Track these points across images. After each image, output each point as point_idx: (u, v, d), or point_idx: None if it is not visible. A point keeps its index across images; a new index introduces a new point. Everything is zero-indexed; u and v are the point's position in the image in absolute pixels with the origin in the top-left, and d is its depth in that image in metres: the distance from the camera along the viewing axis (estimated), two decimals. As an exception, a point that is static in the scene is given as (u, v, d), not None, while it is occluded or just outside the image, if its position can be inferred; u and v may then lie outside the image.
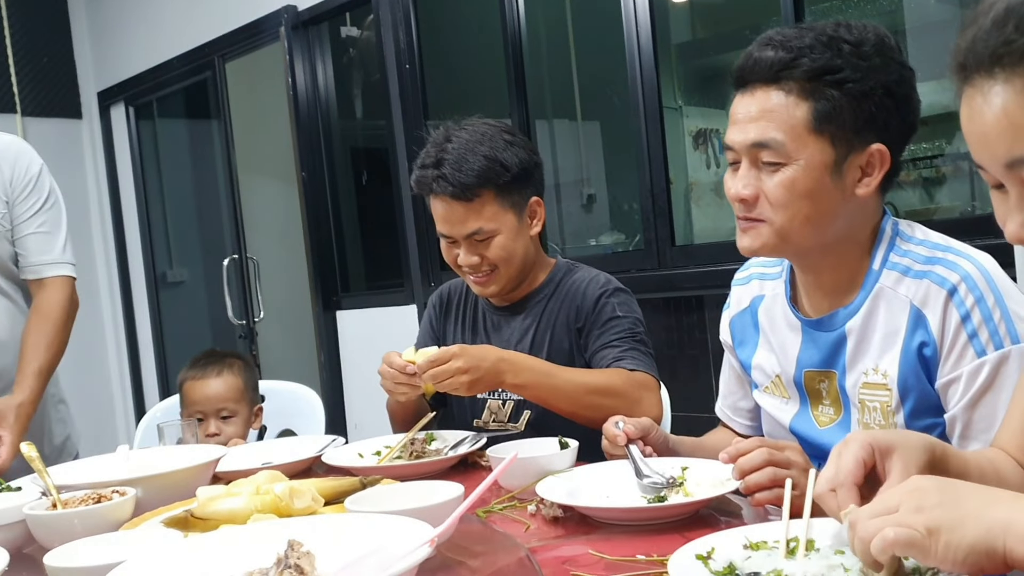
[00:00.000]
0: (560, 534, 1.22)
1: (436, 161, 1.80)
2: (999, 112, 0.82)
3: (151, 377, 5.58)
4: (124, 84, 5.42)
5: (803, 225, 1.28)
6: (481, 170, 1.78)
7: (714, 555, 0.95)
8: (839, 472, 0.91)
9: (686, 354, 3.10)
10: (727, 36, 4.12)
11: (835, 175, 1.27)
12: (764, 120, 1.27)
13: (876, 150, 1.27)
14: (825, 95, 1.25)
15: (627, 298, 1.87)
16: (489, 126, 1.85)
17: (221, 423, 2.14)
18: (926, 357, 1.25)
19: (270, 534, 1.02)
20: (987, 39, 0.82)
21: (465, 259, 1.83)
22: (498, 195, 1.81)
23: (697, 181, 3.85)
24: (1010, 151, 0.82)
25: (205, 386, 2.17)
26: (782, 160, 1.27)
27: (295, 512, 1.18)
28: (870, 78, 1.25)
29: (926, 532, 0.77)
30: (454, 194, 1.78)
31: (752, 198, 1.30)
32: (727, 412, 1.63)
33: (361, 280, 4.66)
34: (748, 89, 1.30)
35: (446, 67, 4.37)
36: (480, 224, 1.80)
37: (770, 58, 1.27)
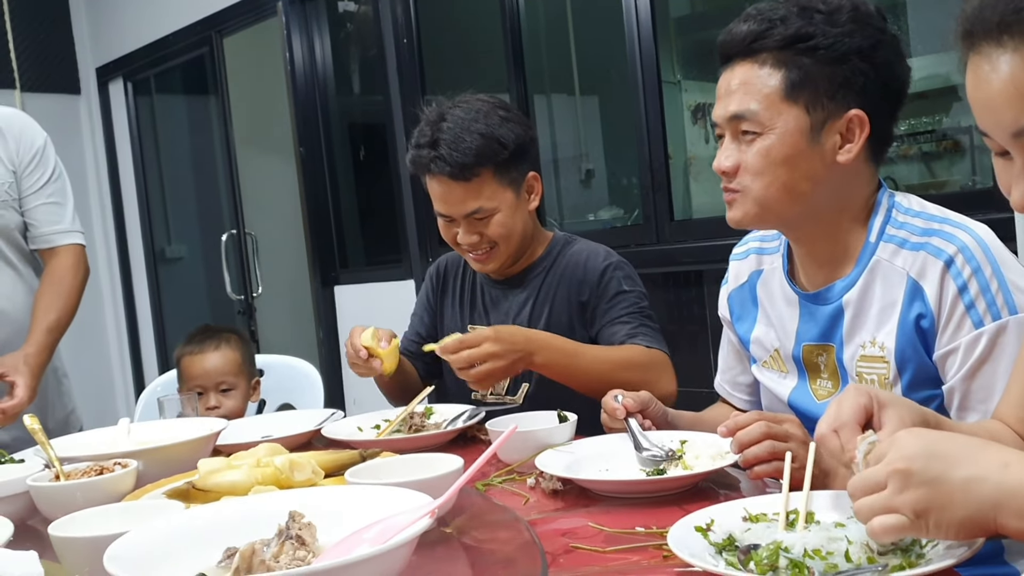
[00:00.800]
0: (559, 507, 1.23)
1: (432, 141, 1.78)
2: (1007, 80, 0.82)
3: (150, 352, 5.59)
4: (122, 60, 5.39)
5: (781, 192, 1.29)
6: (479, 149, 1.76)
7: (713, 527, 0.96)
8: (841, 413, 0.93)
9: (685, 329, 3.10)
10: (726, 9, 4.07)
11: (812, 141, 1.28)
12: (741, 92, 1.30)
13: (854, 115, 1.28)
14: (797, 63, 1.27)
15: (630, 271, 1.88)
16: (483, 102, 1.83)
17: (221, 396, 2.16)
18: (923, 329, 1.25)
19: (271, 505, 1.03)
20: (995, 5, 0.82)
21: (464, 238, 1.83)
22: (496, 173, 1.79)
23: (696, 155, 3.83)
24: (1017, 120, 0.82)
25: (203, 360, 2.18)
26: (758, 129, 1.29)
27: (295, 484, 1.18)
28: (843, 43, 1.26)
29: (914, 515, 0.78)
30: (452, 174, 1.77)
31: (732, 169, 1.32)
32: (726, 387, 1.63)
33: (359, 255, 4.65)
34: (730, 64, 1.33)
35: (444, 42, 4.34)
36: (479, 203, 1.79)
37: (745, 31, 1.30)
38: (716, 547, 0.93)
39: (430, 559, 1.05)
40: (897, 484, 0.79)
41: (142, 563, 0.92)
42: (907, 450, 0.80)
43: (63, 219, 2.21)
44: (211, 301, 5.55)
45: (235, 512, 1.04)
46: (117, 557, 0.90)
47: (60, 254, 2.20)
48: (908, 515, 0.78)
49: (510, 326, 1.74)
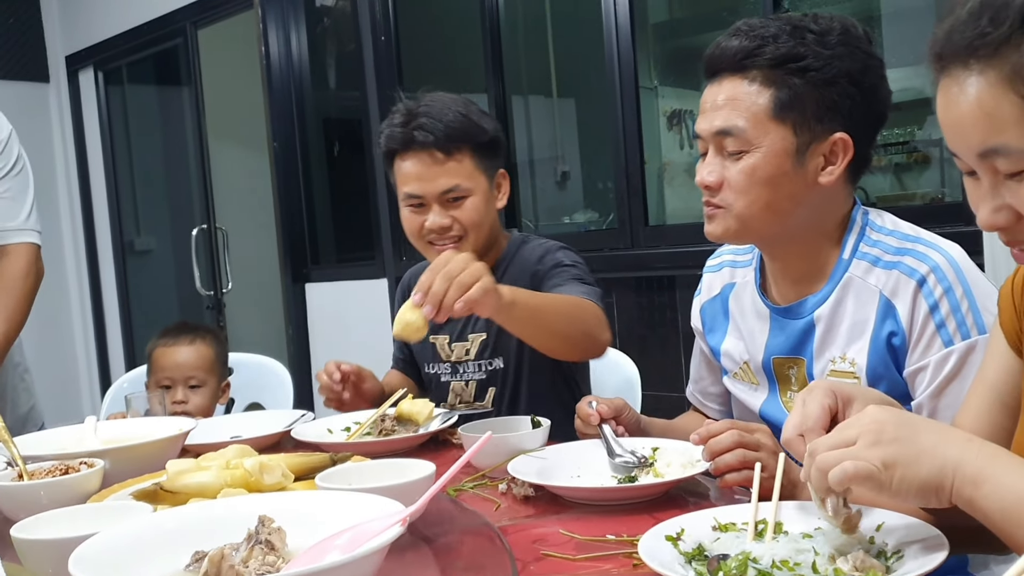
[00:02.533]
0: (530, 513, 1.23)
1: (412, 116, 1.77)
2: (974, 102, 0.83)
3: (117, 347, 5.52)
4: (93, 48, 5.31)
5: (763, 211, 1.30)
6: (461, 125, 1.76)
7: (684, 536, 0.96)
8: (806, 418, 0.95)
9: (657, 333, 3.12)
10: (704, 17, 4.11)
11: (797, 162, 1.29)
12: (728, 108, 1.30)
13: (839, 139, 1.29)
14: (787, 83, 1.27)
15: (575, 256, 1.85)
16: (458, 96, 1.84)
17: (189, 392, 2.13)
18: (895, 346, 1.27)
19: (241, 509, 1.01)
20: (963, 30, 0.84)
21: (435, 221, 1.77)
22: (475, 155, 1.78)
23: (671, 161, 3.85)
24: (984, 141, 0.84)
25: (176, 353, 2.15)
26: (744, 147, 1.29)
27: (265, 487, 1.17)
28: (833, 66, 1.27)
29: (883, 466, 0.82)
30: (436, 143, 1.74)
31: (716, 184, 1.32)
32: (698, 396, 1.64)
33: (331, 252, 4.62)
34: (717, 78, 1.33)
35: (422, 40, 4.32)
36: (458, 180, 1.76)
37: (735, 47, 1.29)
38: (686, 556, 0.93)
39: (400, 564, 1.05)
40: (869, 439, 0.84)
41: (108, 566, 0.90)
42: (879, 415, 0.85)
43: (17, 216, 2.10)
44: (180, 295, 5.49)
45: (204, 515, 1.03)
46: (83, 560, 0.88)
47: (10, 254, 2.09)
48: (877, 465, 0.82)
49: None
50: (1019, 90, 0.81)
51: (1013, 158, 0.83)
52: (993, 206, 0.87)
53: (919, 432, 0.84)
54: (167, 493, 1.16)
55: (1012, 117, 0.82)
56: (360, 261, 4.24)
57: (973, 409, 1.09)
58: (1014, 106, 0.81)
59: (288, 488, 1.19)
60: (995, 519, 0.82)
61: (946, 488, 0.82)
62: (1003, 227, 0.87)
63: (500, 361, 1.86)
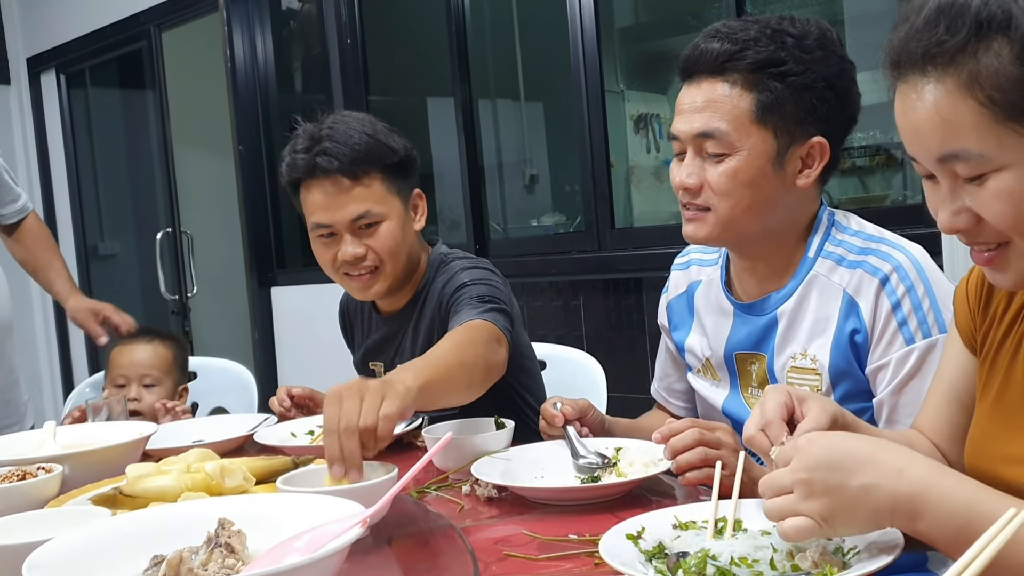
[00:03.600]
0: (494, 514, 1.23)
1: (315, 141, 1.67)
2: (931, 109, 0.85)
3: (80, 351, 5.44)
4: (55, 51, 5.25)
5: (745, 213, 1.31)
6: (368, 147, 1.66)
7: (644, 535, 0.97)
8: (765, 413, 0.97)
9: (624, 335, 3.13)
10: (670, 21, 4.13)
11: (777, 165, 1.30)
12: (709, 111, 1.30)
13: (817, 142, 1.31)
14: (768, 87, 1.28)
15: (478, 270, 1.73)
16: (364, 115, 1.76)
17: (143, 390, 2.11)
18: (857, 344, 1.29)
19: (200, 512, 1.01)
20: (919, 38, 0.85)
21: (348, 252, 1.67)
22: (385, 177, 1.69)
23: (637, 165, 3.87)
24: (941, 146, 0.85)
25: (132, 351, 2.16)
26: (726, 150, 1.30)
27: (226, 491, 1.17)
28: (812, 71, 1.28)
29: (821, 519, 0.84)
30: (341, 168, 1.64)
31: (696, 187, 1.32)
32: (663, 394, 1.65)
33: (298, 256, 4.59)
34: (695, 80, 1.33)
35: (388, 43, 4.31)
36: (368, 206, 1.66)
37: (716, 50, 1.30)
38: (646, 555, 0.94)
39: (362, 566, 1.04)
40: (802, 492, 0.85)
41: (65, 571, 0.90)
42: (808, 460, 0.85)
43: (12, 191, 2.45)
44: (144, 300, 5.43)
45: (163, 519, 1.02)
46: (37, 566, 0.87)
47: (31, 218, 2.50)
48: (816, 519, 0.84)
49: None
50: (976, 96, 0.82)
51: (972, 163, 0.84)
52: (953, 209, 0.88)
53: (849, 476, 0.83)
54: (126, 497, 1.15)
55: (970, 123, 0.83)
56: (327, 265, 4.21)
57: (932, 408, 1.11)
58: (972, 112, 0.83)
59: (250, 491, 1.18)
60: (940, 547, 0.84)
61: (885, 527, 0.85)
62: (963, 230, 0.88)
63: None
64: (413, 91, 4.38)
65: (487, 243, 3.69)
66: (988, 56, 0.82)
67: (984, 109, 0.82)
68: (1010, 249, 0.88)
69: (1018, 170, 0.83)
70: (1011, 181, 0.83)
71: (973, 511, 0.81)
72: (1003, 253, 0.88)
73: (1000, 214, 0.85)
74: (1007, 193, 0.84)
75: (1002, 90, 0.81)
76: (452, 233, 3.85)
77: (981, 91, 0.82)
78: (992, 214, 0.85)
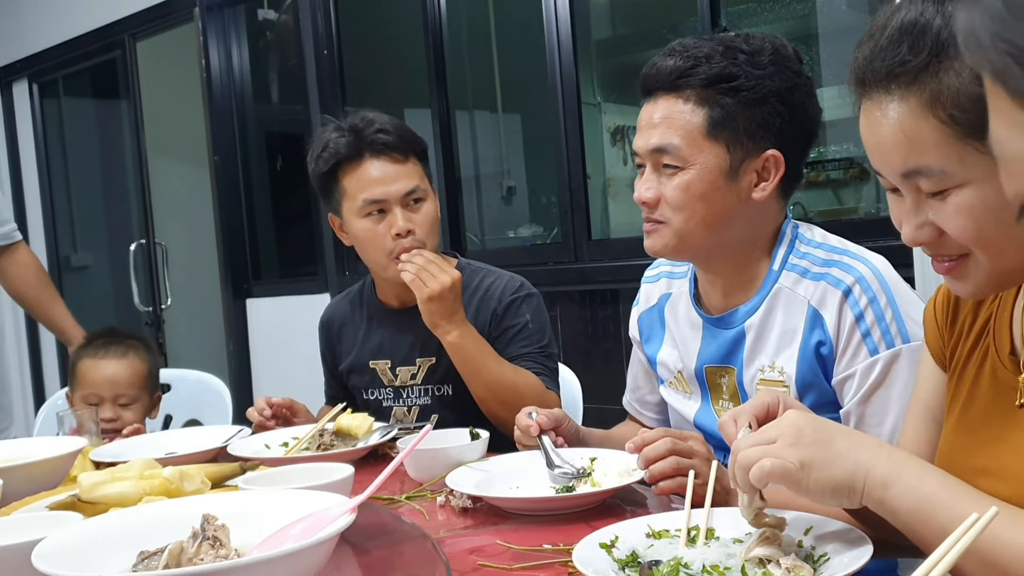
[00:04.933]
0: (468, 525, 1.22)
1: (357, 128, 1.78)
2: (895, 126, 0.87)
3: (52, 363, 5.38)
4: (28, 60, 5.21)
5: (699, 226, 1.33)
6: (408, 132, 1.80)
7: (618, 543, 0.97)
8: (743, 406, 1.00)
9: (600, 346, 3.14)
10: (646, 34, 4.16)
11: (730, 179, 1.32)
12: (664, 126, 1.32)
13: (771, 155, 1.33)
14: (720, 102, 1.30)
15: (538, 304, 1.86)
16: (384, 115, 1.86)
17: (119, 409, 2.05)
18: (823, 355, 1.30)
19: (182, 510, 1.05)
20: (883, 57, 0.87)
21: (402, 224, 1.76)
22: (420, 163, 1.83)
23: (614, 177, 3.89)
24: (905, 163, 0.87)
25: (105, 367, 2.07)
26: (679, 164, 1.32)
27: (185, 494, 1.18)
28: (764, 86, 1.30)
29: (799, 465, 0.86)
30: (394, 145, 1.77)
31: (653, 201, 1.35)
32: (635, 405, 1.66)
33: (273, 267, 4.57)
34: (652, 97, 1.36)
35: (366, 54, 4.31)
36: (417, 181, 1.79)
37: (670, 66, 1.32)
38: (619, 563, 0.94)
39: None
40: (788, 440, 0.87)
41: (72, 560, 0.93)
42: (798, 420, 0.90)
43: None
44: (118, 312, 5.38)
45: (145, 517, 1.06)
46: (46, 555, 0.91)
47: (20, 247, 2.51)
48: (794, 463, 0.86)
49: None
50: (938, 114, 0.84)
51: (934, 179, 0.86)
52: (916, 223, 0.90)
53: (835, 437, 0.88)
54: (85, 504, 1.16)
55: (932, 140, 0.85)
56: (303, 276, 4.20)
57: (911, 429, 1.12)
58: (934, 130, 0.84)
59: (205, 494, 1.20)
60: (902, 518, 0.86)
61: (858, 489, 0.87)
62: (926, 242, 0.90)
63: (449, 388, 1.84)
64: (390, 102, 4.38)
65: (464, 254, 3.68)
66: (949, 76, 0.84)
67: (946, 127, 0.84)
68: (970, 260, 0.90)
69: (978, 186, 0.85)
70: (971, 197, 0.85)
71: (942, 488, 0.85)
72: (962, 263, 0.90)
73: (961, 228, 0.87)
74: (968, 208, 0.86)
75: (963, 109, 0.83)
76: (429, 244, 3.85)
77: (943, 110, 0.84)
78: (953, 228, 0.87)
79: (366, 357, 1.91)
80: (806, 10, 3.69)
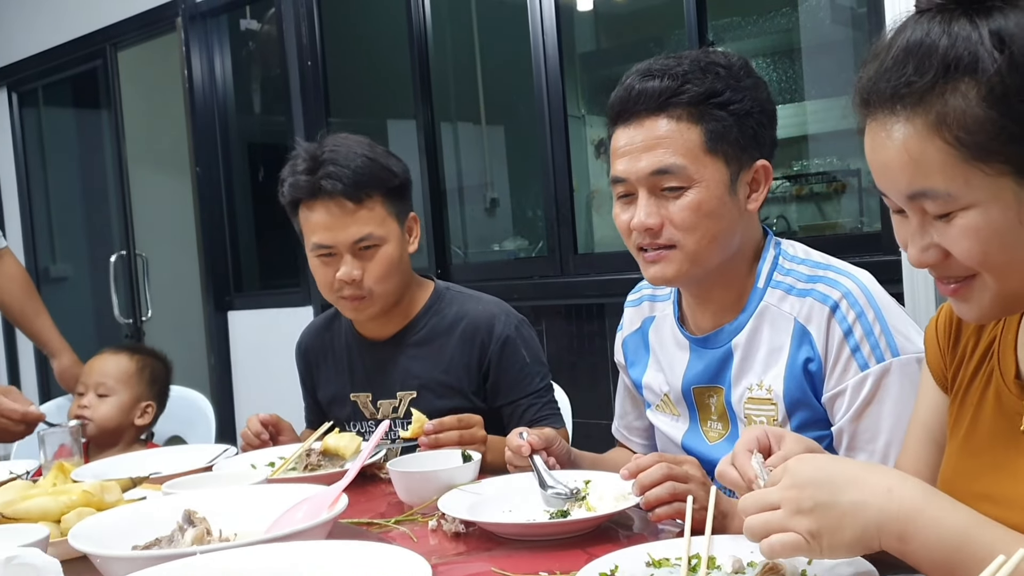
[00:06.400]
0: (461, 550, 1.20)
1: (317, 164, 1.69)
2: (900, 147, 0.86)
3: (30, 378, 5.31)
4: (7, 69, 5.15)
5: (711, 245, 1.31)
6: (370, 170, 1.69)
7: (618, 573, 0.95)
8: (736, 447, 0.98)
9: (586, 361, 3.12)
10: (631, 47, 4.18)
11: (731, 192, 1.31)
12: (659, 148, 1.29)
13: (761, 166, 1.33)
14: (714, 116, 1.29)
15: (528, 331, 1.82)
16: (363, 138, 1.77)
17: (96, 399, 2.07)
18: (811, 372, 1.29)
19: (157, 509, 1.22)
20: (888, 77, 0.86)
21: (347, 272, 1.69)
22: (386, 200, 1.71)
23: (599, 189, 3.89)
24: (910, 184, 0.86)
25: (96, 359, 2.14)
26: (684, 183, 1.29)
27: (106, 505, 1.27)
28: (748, 97, 1.31)
29: (809, 536, 0.83)
30: (345, 191, 1.67)
31: (658, 226, 1.31)
32: (623, 432, 1.64)
33: (255, 280, 4.53)
34: (632, 121, 1.32)
35: (349, 65, 4.30)
36: (370, 228, 1.69)
37: (656, 87, 1.30)
38: (620, 594, 0.92)
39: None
40: (790, 508, 0.84)
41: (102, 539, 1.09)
42: (799, 477, 0.85)
43: None
44: (97, 324, 5.32)
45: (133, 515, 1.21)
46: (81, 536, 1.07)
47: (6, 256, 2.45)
48: (804, 535, 0.83)
49: None
50: (944, 136, 0.83)
51: (940, 201, 0.85)
52: (922, 245, 0.89)
53: (839, 493, 0.83)
54: (7, 519, 1.22)
55: (937, 162, 0.84)
56: (285, 288, 4.16)
57: (911, 451, 1.11)
58: (939, 152, 0.83)
59: (125, 503, 1.32)
60: (927, 570, 0.83)
61: (874, 547, 0.84)
62: (931, 264, 0.89)
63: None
64: (374, 113, 4.37)
65: (449, 268, 3.67)
66: (955, 97, 0.83)
67: (952, 149, 0.83)
68: (976, 282, 0.89)
69: (984, 208, 0.84)
70: (977, 219, 0.84)
71: (964, 537, 0.81)
72: (968, 285, 0.89)
73: (967, 251, 0.85)
74: (974, 231, 0.85)
75: (969, 131, 0.82)
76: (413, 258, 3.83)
77: (949, 132, 0.83)
78: (959, 251, 0.86)
79: (347, 390, 1.87)
80: (789, 24, 3.71)
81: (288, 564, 0.98)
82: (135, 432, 2.17)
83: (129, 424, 2.14)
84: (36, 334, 2.49)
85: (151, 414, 2.17)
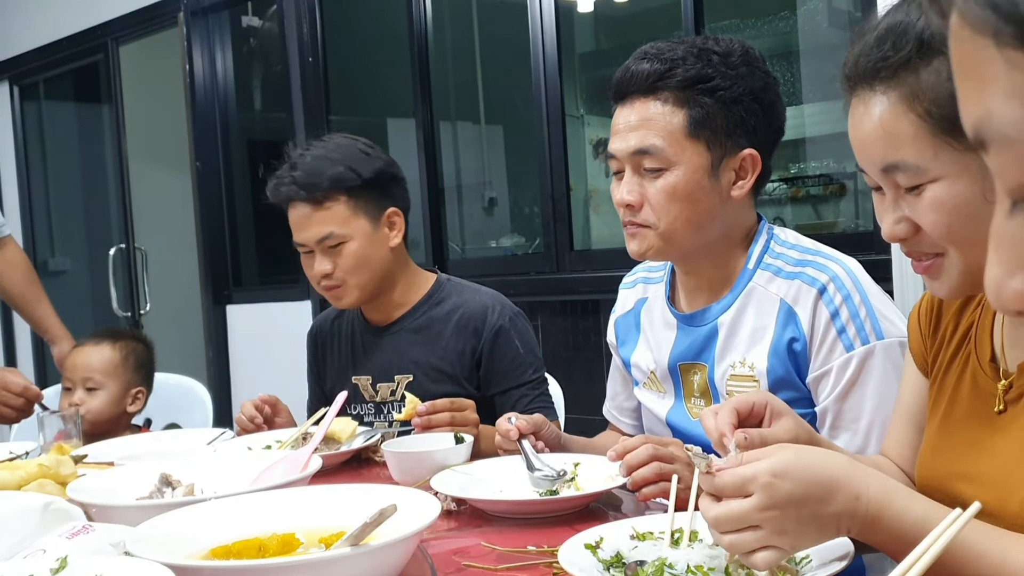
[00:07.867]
0: (453, 527, 1.23)
1: (289, 168, 1.82)
2: (876, 121, 0.89)
3: (28, 369, 5.32)
4: (9, 62, 5.17)
5: (684, 226, 1.35)
6: (332, 175, 1.78)
7: (602, 545, 0.98)
8: (725, 402, 0.98)
9: (581, 357, 3.15)
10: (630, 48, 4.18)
11: (712, 178, 1.34)
12: (644, 128, 1.34)
13: (748, 154, 1.36)
14: (699, 102, 1.33)
15: (523, 322, 1.87)
16: (347, 139, 1.86)
17: (86, 395, 2.06)
18: (796, 352, 1.32)
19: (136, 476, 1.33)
20: (869, 55, 0.90)
21: (318, 267, 1.81)
22: (349, 199, 1.79)
23: (596, 189, 3.92)
24: (884, 157, 0.90)
25: (78, 353, 2.12)
26: (663, 165, 1.34)
27: (63, 478, 1.32)
28: (738, 85, 1.34)
29: (792, 549, 0.85)
30: (305, 198, 1.78)
31: (637, 204, 1.36)
32: (614, 413, 1.67)
33: (254, 274, 4.55)
34: (627, 101, 1.37)
35: (350, 63, 4.32)
36: (331, 228, 1.78)
37: (646, 70, 1.34)
38: (604, 564, 0.95)
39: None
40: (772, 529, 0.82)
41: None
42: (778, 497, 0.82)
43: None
44: (96, 317, 5.33)
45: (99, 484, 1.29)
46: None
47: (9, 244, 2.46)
48: (787, 549, 0.84)
49: None
50: (916, 110, 0.87)
51: (910, 173, 0.88)
52: (894, 218, 0.92)
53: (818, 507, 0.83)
54: None
55: (909, 135, 0.87)
56: (283, 283, 4.18)
57: (895, 434, 1.14)
58: (911, 124, 0.87)
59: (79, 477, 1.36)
60: (889, 550, 0.86)
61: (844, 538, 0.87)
62: (903, 238, 0.93)
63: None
64: (374, 111, 4.39)
65: (446, 264, 3.70)
66: (928, 73, 0.87)
67: (922, 122, 0.87)
68: (945, 259, 0.92)
69: (951, 182, 0.87)
70: (944, 192, 0.88)
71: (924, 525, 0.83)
72: (938, 263, 0.92)
73: (934, 223, 0.89)
74: (939, 203, 0.88)
75: (939, 105, 0.86)
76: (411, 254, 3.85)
77: (920, 105, 0.87)
78: (927, 223, 0.89)
79: (348, 372, 1.92)
80: (788, 27, 3.74)
81: (308, 502, 1.13)
82: (129, 419, 2.19)
83: (122, 412, 2.15)
84: (37, 321, 2.51)
85: (142, 399, 2.18)
